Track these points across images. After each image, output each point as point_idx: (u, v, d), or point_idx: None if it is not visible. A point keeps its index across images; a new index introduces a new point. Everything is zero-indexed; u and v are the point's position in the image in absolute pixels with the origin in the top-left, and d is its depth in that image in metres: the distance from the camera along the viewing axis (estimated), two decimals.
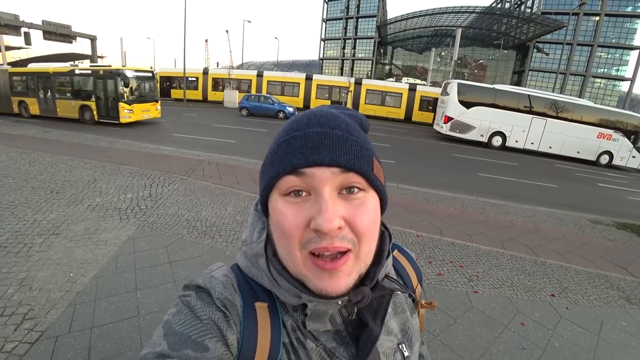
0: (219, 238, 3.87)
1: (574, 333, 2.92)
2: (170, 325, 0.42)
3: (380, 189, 0.46)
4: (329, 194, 0.41)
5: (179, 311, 0.44)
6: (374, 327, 0.47)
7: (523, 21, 39.18)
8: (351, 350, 0.48)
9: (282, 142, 0.44)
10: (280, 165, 0.42)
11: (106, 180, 5.57)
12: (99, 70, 13.05)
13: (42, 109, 14.27)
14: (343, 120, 0.45)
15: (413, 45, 54.76)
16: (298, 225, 0.41)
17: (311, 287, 0.42)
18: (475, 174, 10.12)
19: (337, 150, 0.41)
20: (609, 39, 42.89)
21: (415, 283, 0.63)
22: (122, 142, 9.00)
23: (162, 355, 0.38)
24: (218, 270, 0.50)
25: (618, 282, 4.05)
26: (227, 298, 0.45)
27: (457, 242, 4.60)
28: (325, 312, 0.46)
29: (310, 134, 0.42)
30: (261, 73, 26.48)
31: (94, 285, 2.76)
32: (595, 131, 16.45)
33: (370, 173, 0.43)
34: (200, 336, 0.40)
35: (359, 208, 0.42)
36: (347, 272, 0.42)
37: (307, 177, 0.41)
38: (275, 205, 0.44)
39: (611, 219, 7.01)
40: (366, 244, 0.43)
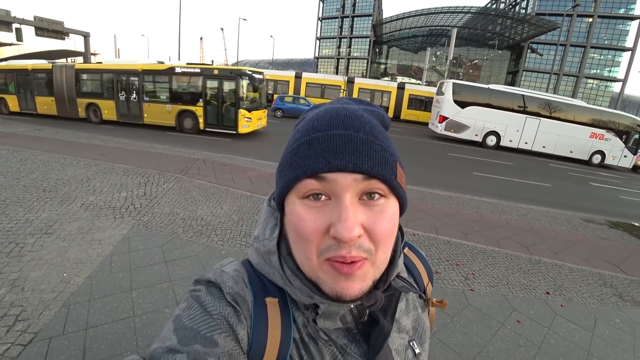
0: (215, 237, 3.84)
1: (569, 330, 2.94)
2: (180, 320, 0.42)
3: (401, 195, 0.44)
4: (350, 200, 0.40)
5: (189, 306, 0.44)
6: (385, 323, 0.47)
7: (517, 22, 39.51)
8: (362, 347, 0.47)
9: (302, 143, 0.42)
10: (300, 168, 0.41)
11: (100, 178, 5.50)
12: (212, 69, 10.92)
13: (120, 113, 12.15)
14: (367, 120, 0.43)
15: (408, 45, 54.93)
16: (317, 230, 0.40)
17: (326, 290, 0.42)
18: (470, 173, 10.18)
19: (360, 156, 0.40)
20: (602, 40, 43.46)
21: (426, 281, 0.62)
22: (117, 140, 8.91)
23: (172, 349, 0.38)
24: (229, 265, 0.50)
25: (611, 280, 4.10)
26: (238, 293, 0.45)
27: (453, 240, 4.62)
28: (337, 312, 0.45)
29: (333, 136, 0.41)
30: (300, 74, 25.71)
31: (88, 285, 2.72)
32: (588, 131, 16.66)
33: (394, 180, 0.42)
34: (209, 331, 0.40)
35: (378, 215, 0.41)
36: (362, 277, 0.41)
37: (329, 182, 0.40)
38: (293, 207, 0.42)
39: (604, 217, 7.09)
40: (383, 252, 0.42)
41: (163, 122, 11.69)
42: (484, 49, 49.85)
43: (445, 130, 17.06)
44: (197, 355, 0.38)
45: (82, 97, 12.41)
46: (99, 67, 12.43)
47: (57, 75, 12.56)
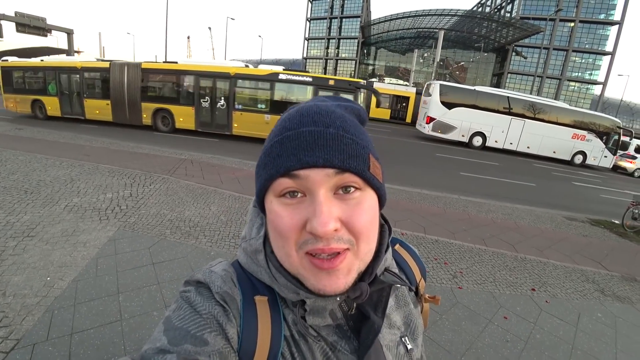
0: (203, 238, 3.79)
1: (554, 325, 3.02)
2: (170, 321, 0.42)
3: (378, 187, 0.45)
4: (324, 195, 0.40)
5: (178, 307, 0.44)
6: (376, 319, 0.47)
7: (503, 25, 40.40)
8: (353, 343, 0.47)
9: (275, 143, 0.43)
10: (273, 167, 0.42)
11: (84, 179, 5.37)
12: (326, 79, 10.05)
13: (201, 122, 10.84)
14: (339, 115, 0.44)
15: (396, 46, 55.46)
16: (294, 226, 0.41)
17: (309, 287, 0.42)
18: (457, 173, 10.34)
19: (331, 151, 0.40)
20: (583, 44, 44.84)
21: (419, 277, 0.62)
22: (102, 140, 8.72)
23: (162, 350, 0.38)
24: (218, 265, 0.49)
25: (593, 276, 4.23)
26: (226, 292, 0.45)
27: (441, 239, 4.69)
28: (325, 308, 0.45)
29: (303, 133, 0.41)
30: None
31: (73, 289, 2.64)
32: (570, 132, 17.15)
33: (367, 172, 0.42)
34: (199, 330, 0.40)
35: (355, 208, 0.42)
36: (345, 271, 0.42)
37: (302, 179, 0.40)
38: (271, 206, 0.43)
39: (585, 215, 7.31)
40: (365, 243, 0.43)
41: (257, 134, 10.49)
42: (470, 52, 50.74)
43: (433, 131, 17.29)
44: (187, 355, 0.38)
45: (149, 101, 11.08)
46: (175, 67, 11.04)
47: (116, 75, 11.14)
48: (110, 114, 11.60)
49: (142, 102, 11.09)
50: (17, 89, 12.78)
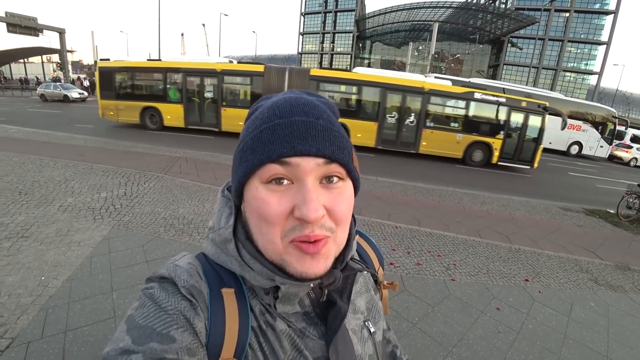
0: (197, 235, 3.80)
1: (546, 315, 3.05)
2: (133, 320, 0.40)
3: (356, 178, 0.48)
4: (313, 183, 0.42)
5: (142, 304, 0.42)
6: (342, 304, 0.49)
7: (497, 16, 40.23)
8: (320, 329, 0.49)
9: (265, 129, 0.43)
10: (264, 153, 0.42)
11: (79, 179, 5.36)
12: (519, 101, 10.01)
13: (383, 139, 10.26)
14: (323, 109, 0.46)
15: (391, 40, 55.23)
16: (281, 213, 0.41)
17: (291, 271, 0.43)
18: (453, 166, 10.36)
19: (322, 141, 0.42)
20: (579, 35, 44.74)
21: (377, 266, 0.66)
22: (96, 140, 8.67)
23: (127, 350, 0.37)
24: (182, 259, 0.49)
25: (587, 266, 4.27)
26: (193, 285, 0.44)
27: (435, 232, 4.71)
28: (296, 295, 0.46)
29: (296, 122, 0.42)
30: None
31: (67, 288, 2.65)
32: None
33: (351, 164, 0.45)
34: (165, 327, 0.39)
35: (338, 197, 0.44)
36: (325, 255, 0.44)
37: (292, 166, 0.41)
38: (256, 192, 0.43)
39: (580, 206, 7.36)
40: (342, 230, 0.45)
41: (445, 153, 10.25)
42: (465, 44, 50.54)
43: None
44: (154, 354, 0.37)
45: None
46: (352, 76, 10.20)
47: (272, 82, 10.12)
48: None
49: None
50: (121, 94, 11.22)
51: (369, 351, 0.54)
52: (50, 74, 44.90)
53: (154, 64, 11.31)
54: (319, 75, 10.23)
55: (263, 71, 10.20)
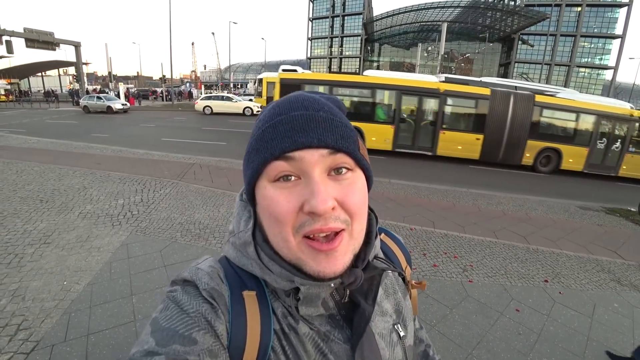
0: (213, 240, 3.85)
1: (568, 317, 2.97)
2: (157, 322, 0.41)
3: (366, 167, 0.46)
4: (320, 175, 0.41)
5: (165, 307, 0.43)
6: (366, 307, 0.47)
7: (507, 14, 39.70)
8: (346, 332, 0.48)
9: (267, 128, 0.43)
10: (267, 150, 0.42)
11: (96, 187, 5.50)
12: None
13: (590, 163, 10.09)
14: (324, 103, 0.45)
15: (400, 42, 55.08)
16: (291, 209, 0.41)
17: (307, 271, 0.42)
18: (467, 166, 10.23)
19: (324, 132, 0.41)
20: (592, 29, 43.74)
21: (404, 265, 0.63)
22: (112, 149, 8.89)
23: (151, 352, 0.38)
24: (204, 262, 0.49)
25: (609, 265, 4.14)
26: (214, 288, 0.44)
27: (451, 233, 4.65)
28: (318, 296, 0.45)
29: (296, 117, 0.42)
30: None
31: (89, 292, 2.72)
32: None
33: (357, 152, 0.44)
34: (187, 330, 0.40)
35: (348, 188, 0.43)
36: (343, 252, 0.42)
37: (296, 161, 0.41)
38: (265, 192, 0.43)
39: (600, 204, 7.14)
40: (358, 222, 0.44)
41: None
42: (475, 43, 50.03)
43: None
44: (176, 355, 0.38)
45: (537, 139, 10.07)
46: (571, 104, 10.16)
47: (498, 106, 10.05)
48: (478, 151, 10.33)
49: (530, 140, 10.08)
50: None
51: (398, 356, 0.52)
52: (66, 86, 46.27)
53: (358, 78, 10.94)
54: (542, 102, 10.10)
55: (489, 95, 10.09)
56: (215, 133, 13.52)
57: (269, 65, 67.11)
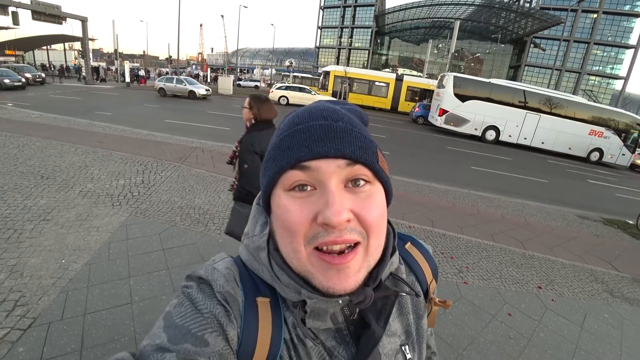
0: (212, 226, 3.86)
1: (559, 324, 3.00)
2: (170, 317, 0.41)
3: (385, 180, 0.45)
4: (336, 186, 0.40)
5: (180, 303, 0.43)
6: (377, 328, 0.46)
7: (521, 15, 39.08)
8: (351, 350, 0.46)
9: (284, 137, 0.43)
10: (283, 159, 0.41)
11: (98, 166, 5.50)
12: None
13: None
14: (344, 114, 0.45)
15: (410, 37, 54.39)
16: (304, 220, 0.40)
17: (316, 285, 0.41)
18: (469, 167, 10.22)
19: (341, 142, 0.41)
20: (606, 37, 43.17)
21: (430, 278, 0.59)
22: (115, 128, 8.86)
23: (162, 348, 0.38)
24: (221, 262, 0.48)
25: (602, 276, 4.17)
26: (229, 292, 0.44)
27: (449, 234, 4.67)
28: (326, 311, 0.44)
29: (314, 126, 0.42)
30: (401, 77, 25.76)
31: (86, 272, 2.74)
32: (588, 128, 16.66)
33: (376, 164, 0.43)
34: (200, 330, 0.39)
35: (366, 200, 0.41)
36: (356, 269, 0.41)
37: (312, 170, 0.40)
38: (279, 200, 0.42)
39: (599, 214, 7.15)
40: (375, 238, 0.42)
41: None
42: (486, 43, 49.39)
43: (445, 124, 17.04)
44: (187, 355, 0.37)
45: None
46: None
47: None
48: None
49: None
50: None
51: None
52: (72, 61, 45.91)
53: None
54: None
55: None
56: (218, 118, 13.46)
57: (276, 52, 66.47)
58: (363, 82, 25.09)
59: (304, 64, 68.10)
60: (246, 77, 51.81)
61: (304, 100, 21.43)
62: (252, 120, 2.29)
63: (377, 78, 25.45)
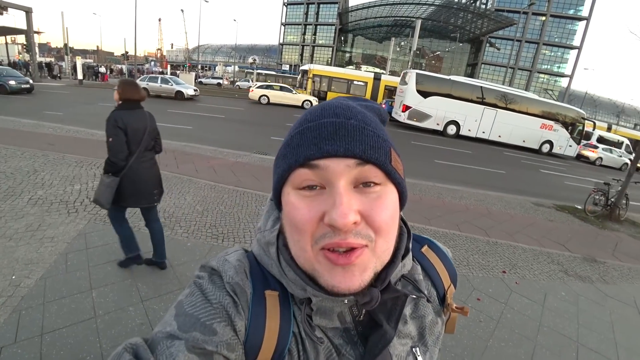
0: (179, 229, 3.70)
1: (523, 304, 3.20)
2: (182, 306, 0.42)
3: (399, 182, 0.43)
4: (344, 187, 0.39)
5: (191, 292, 0.44)
6: (388, 329, 0.45)
7: (478, 16, 41.14)
8: (359, 349, 0.46)
9: (295, 134, 0.42)
10: (292, 157, 0.41)
11: (49, 170, 5.07)
12: None
13: None
14: (359, 111, 0.43)
15: (373, 34, 55.43)
16: (311, 219, 0.39)
17: (322, 283, 0.40)
18: (432, 161, 10.61)
19: (352, 141, 0.39)
20: (553, 38, 46.66)
21: (448, 284, 0.57)
22: (67, 129, 8.23)
23: (172, 335, 0.39)
24: (233, 255, 0.49)
25: (558, 258, 4.49)
26: (237, 283, 0.44)
27: (417, 226, 4.81)
28: (332, 310, 0.44)
29: (325, 124, 0.41)
30: (379, 76, 25.85)
31: (42, 287, 2.51)
32: (539, 122, 17.90)
33: (388, 165, 0.41)
34: (209, 319, 0.40)
35: (376, 202, 0.40)
36: (362, 268, 0.40)
37: (321, 169, 0.39)
38: (288, 198, 0.42)
39: (552, 201, 7.71)
40: (383, 240, 0.41)
41: None
42: (446, 41, 51.48)
43: (409, 119, 17.57)
44: (195, 342, 0.38)
45: None
46: None
47: None
48: None
49: None
50: None
51: None
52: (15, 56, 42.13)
53: None
54: None
55: None
56: (180, 116, 12.94)
57: (239, 49, 65.04)
58: (341, 81, 25.23)
59: (267, 61, 67.20)
60: (208, 74, 50.13)
61: (285, 99, 21.10)
62: (119, 101, 2.56)
63: (356, 77, 25.64)
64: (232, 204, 4.61)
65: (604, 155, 19.51)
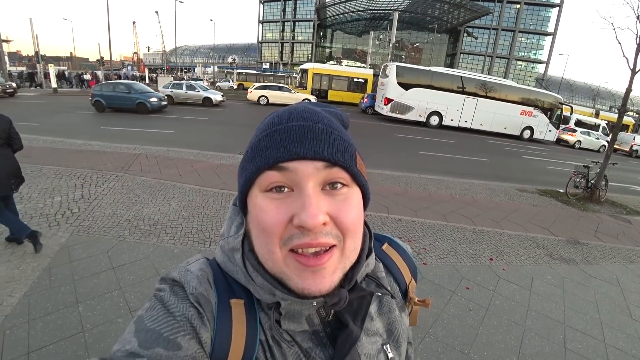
0: (165, 236, 3.64)
1: (511, 290, 3.28)
2: (142, 321, 0.40)
3: (363, 184, 0.45)
4: (313, 188, 0.40)
5: (152, 306, 0.42)
6: (354, 328, 0.45)
7: (454, 6, 41.61)
8: (328, 351, 0.46)
9: (263, 137, 0.42)
10: (261, 159, 0.41)
11: (26, 183, 4.86)
12: None
13: None
14: (325, 116, 0.44)
15: (352, 29, 55.45)
16: (279, 221, 0.39)
17: (292, 286, 0.40)
18: (417, 152, 10.73)
19: (320, 144, 0.40)
20: (528, 26, 47.66)
21: (409, 279, 0.59)
22: (43, 140, 7.96)
23: (132, 353, 0.36)
24: (195, 264, 0.47)
25: (543, 242, 4.61)
26: (202, 294, 0.43)
27: (404, 218, 4.86)
28: (300, 312, 0.44)
29: (293, 127, 0.41)
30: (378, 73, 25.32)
31: (25, 305, 2.43)
32: (519, 109, 18.32)
33: (354, 167, 0.43)
34: (172, 333, 0.38)
35: (343, 203, 0.41)
36: (331, 270, 0.41)
37: (290, 172, 0.39)
38: (255, 201, 0.42)
39: (535, 187, 7.91)
40: (351, 240, 0.42)
41: None
42: (424, 33, 51.91)
43: (391, 112, 17.71)
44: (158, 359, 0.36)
45: None
46: None
47: None
48: None
49: None
50: None
51: None
52: None
53: None
54: None
55: None
56: (160, 120, 12.69)
57: (218, 49, 64.09)
58: (342, 79, 25.40)
59: (247, 60, 66.37)
60: (187, 76, 49.25)
61: (285, 99, 20.89)
62: None
63: (356, 74, 25.71)
64: (217, 207, 4.57)
65: (582, 139, 20.12)
